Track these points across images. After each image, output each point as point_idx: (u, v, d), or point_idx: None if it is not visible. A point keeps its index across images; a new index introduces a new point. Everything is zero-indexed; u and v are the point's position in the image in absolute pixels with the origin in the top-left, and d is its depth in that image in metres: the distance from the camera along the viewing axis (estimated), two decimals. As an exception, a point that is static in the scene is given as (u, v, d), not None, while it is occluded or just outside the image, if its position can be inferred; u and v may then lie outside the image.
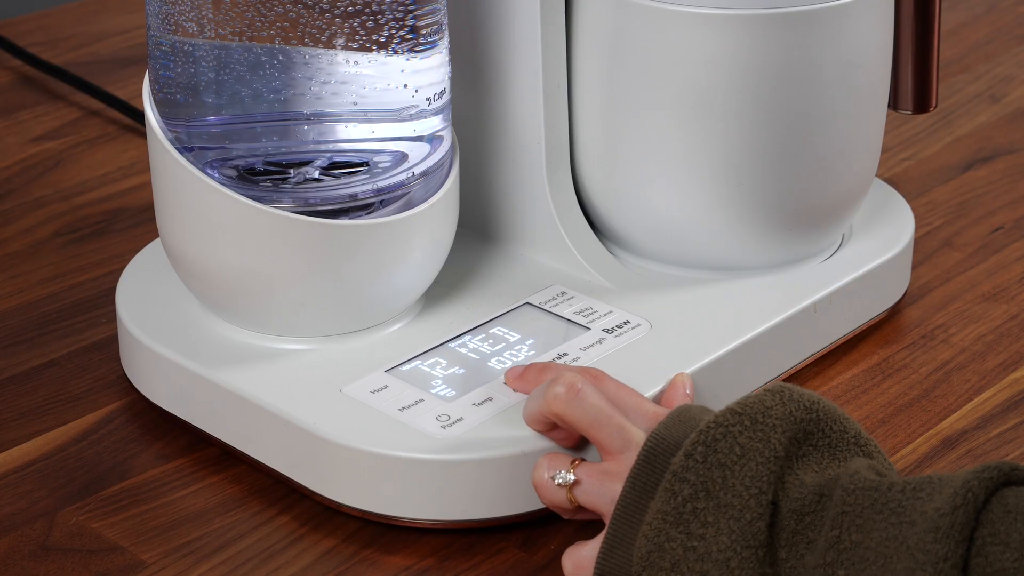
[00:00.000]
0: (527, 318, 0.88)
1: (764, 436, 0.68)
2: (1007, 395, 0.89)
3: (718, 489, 0.68)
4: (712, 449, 0.68)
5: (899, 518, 0.65)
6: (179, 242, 0.84)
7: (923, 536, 0.63)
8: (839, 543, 0.66)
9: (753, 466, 0.68)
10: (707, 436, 0.69)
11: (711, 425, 0.69)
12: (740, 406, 0.70)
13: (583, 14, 0.88)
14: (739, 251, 0.91)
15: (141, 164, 1.15)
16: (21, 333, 0.95)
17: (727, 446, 0.68)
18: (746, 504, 0.67)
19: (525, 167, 0.91)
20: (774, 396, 0.70)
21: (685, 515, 0.68)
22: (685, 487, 0.68)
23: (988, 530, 0.63)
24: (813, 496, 0.67)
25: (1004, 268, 1.02)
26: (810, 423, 0.70)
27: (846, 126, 0.89)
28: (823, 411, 0.70)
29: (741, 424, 0.69)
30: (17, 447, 0.85)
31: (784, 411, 0.69)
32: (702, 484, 0.68)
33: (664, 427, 0.71)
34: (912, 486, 0.66)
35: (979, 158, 1.17)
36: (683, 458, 0.69)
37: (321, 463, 0.79)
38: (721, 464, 0.68)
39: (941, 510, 0.63)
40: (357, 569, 0.77)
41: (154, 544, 0.78)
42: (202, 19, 0.79)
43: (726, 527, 0.67)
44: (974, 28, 1.40)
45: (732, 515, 0.67)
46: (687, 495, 0.68)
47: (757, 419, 0.69)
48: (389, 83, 0.81)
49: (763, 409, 0.69)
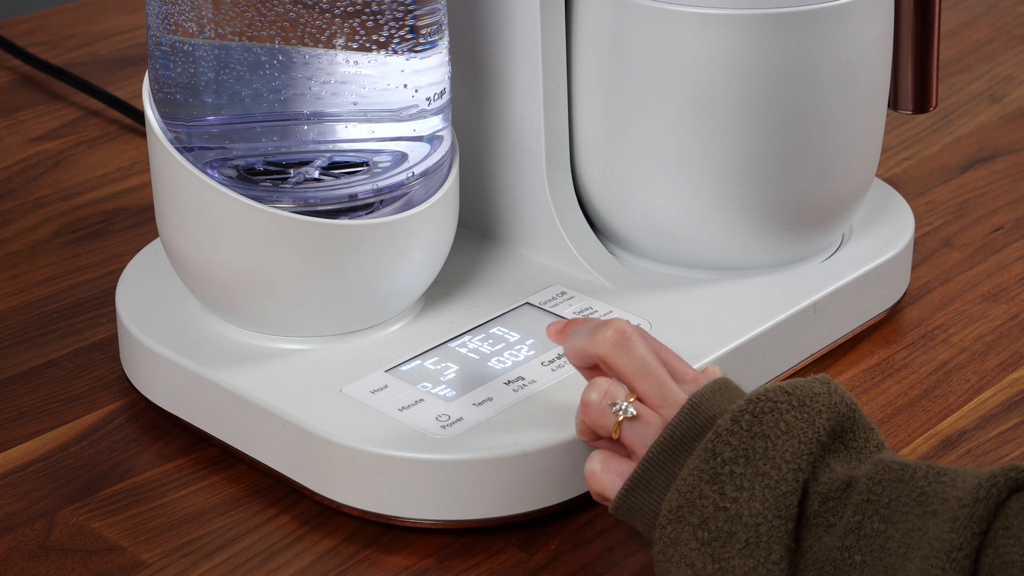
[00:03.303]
0: (527, 318, 0.88)
1: (809, 419, 0.70)
2: (1007, 395, 0.89)
3: (758, 458, 0.69)
4: (758, 420, 0.70)
5: (922, 508, 0.66)
6: (179, 242, 0.84)
7: (942, 526, 0.65)
8: (860, 529, 0.67)
9: (795, 443, 0.69)
10: (756, 407, 0.70)
11: (760, 398, 0.71)
12: (790, 386, 0.71)
13: (583, 14, 0.88)
14: (739, 251, 0.91)
15: (141, 164, 1.15)
16: (21, 333, 0.95)
17: (773, 420, 0.70)
18: (783, 476, 0.68)
19: (525, 167, 0.91)
20: (822, 385, 0.72)
21: (722, 476, 0.69)
22: (727, 449, 0.69)
23: (1001, 523, 0.64)
24: (840, 484, 0.69)
25: (1004, 268, 1.02)
26: (848, 421, 0.71)
27: (846, 126, 0.89)
28: (859, 415, 0.72)
29: (789, 403, 0.70)
30: (17, 447, 0.85)
31: (830, 401, 0.71)
32: (743, 450, 0.69)
33: (708, 390, 0.73)
34: (936, 471, 0.67)
35: (979, 158, 1.17)
36: (729, 422, 0.70)
37: (321, 463, 0.79)
38: (765, 435, 0.69)
39: (963, 500, 0.65)
40: (357, 569, 0.77)
41: (154, 544, 0.78)
42: (202, 19, 0.79)
43: (760, 495, 0.68)
44: (974, 28, 1.40)
45: (768, 484, 0.68)
46: (727, 457, 0.69)
47: (805, 402, 0.70)
48: (389, 83, 0.81)
49: (811, 394, 0.71)
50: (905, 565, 0.65)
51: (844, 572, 0.67)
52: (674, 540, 0.69)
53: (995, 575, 0.63)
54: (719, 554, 0.68)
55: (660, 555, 0.70)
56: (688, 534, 0.69)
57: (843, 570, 0.67)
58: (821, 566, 0.67)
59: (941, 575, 0.64)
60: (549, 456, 0.78)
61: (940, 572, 0.64)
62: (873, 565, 0.66)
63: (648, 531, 0.71)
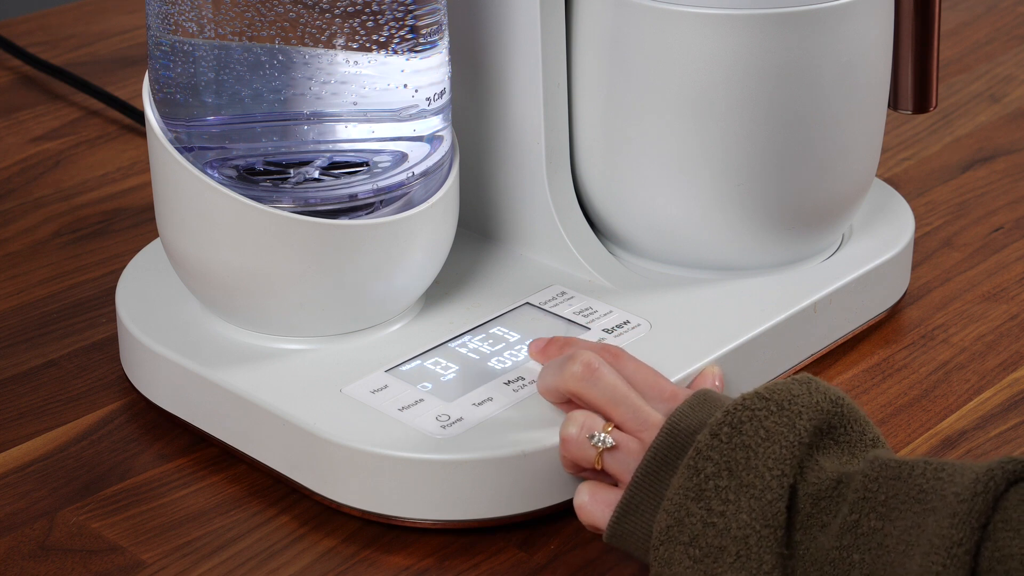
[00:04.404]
0: (527, 318, 0.88)
1: (790, 422, 0.69)
2: (1007, 395, 0.89)
3: (741, 469, 0.69)
4: (737, 431, 0.69)
5: (921, 506, 0.66)
6: (179, 242, 0.84)
7: (941, 522, 0.65)
8: (857, 527, 0.67)
9: (777, 449, 0.69)
10: (734, 418, 0.70)
11: (738, 407, 0.70)
12: (767, 391, 0.71)
13: (583, 14, 0.88)
14: (739, 251, 0.91)
15: (141, 164, 1.15)
16: (21, 333, 0.95)
17: (752, 428, 0.69)
18: (767, 485, 0.68)
19: (525, 167, 0.91)
20: (801, 385, 0.71)
21: (707, 492, 0.69)
22: (708, 465, 0.69)
23: (1000, 516, 0.64)
24: (831, 483, 0.68)
25: (1004, 268, 1.02)
26: (834, 417, 0.71)
27: (846, 126, 0.89)
28: (847, 408, 0.72)
29: (767, 409, 0.70)
30: (17, 447, 0.85)
31: (810, 400, 0.70)
32: (725, 463, 0.69)
33: (687, 406, 0.72)
34: (933, 466, 0.67)
35: (979, 158, 1.17)
36: (708, 437, 0.70)
37: (321, 463, 0.79)
38: (745, 445, 0.69)
39: (961, 496, 0.65)
40: (357, 569, 0.77)
41: (154, 544, 0.78)
42: (202, 19, 0.79)
43: (746, 506, 0.68)
44: (974, 28, 1.40)
45: (753, 495, 0.68)
46: (710, 472, 0.69)
47: (783, 405, 0.70)
48: (389, 83, 0.81)
49: (790, 396, 0.70)
50: (904, 562, 0.65)
51: (843, 571, 0.67)
52: (668, 560, 0.69)
53: (995, 568, 0.64)
54: (712, 570, 0.68)
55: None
56: (680, 553, 0.68)
57: (842, 569, 0.67)
58: (820, 567, 0.67)
59: (942, 571, 0.64)
60: (549, 456, 0.78)
61: (941, 568, 0.64)
62: (872, 563, 0.66)
63: (643, 555, 0.71)
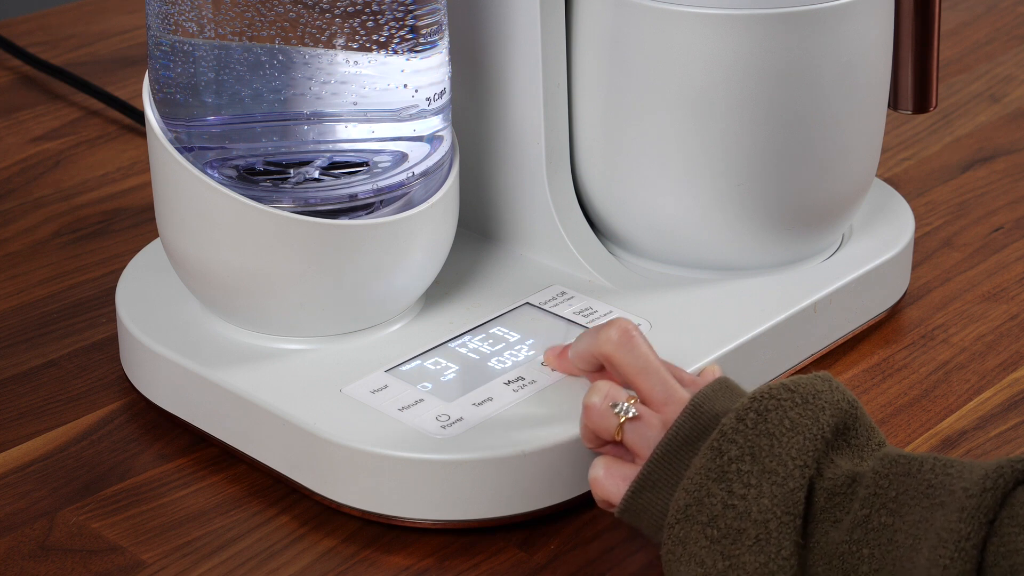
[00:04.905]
0: (527, 318, 0.88)
1: (814, 415, 0.70)
2: (1007, 395, 0.89)
3: (764, 455, 0.69)
4: (763, 418, 0.70)
5: (930, 500, 0.67)
6: (179, 242, 0.84)
7: (949, 516, 0.65)
8: (868, 522, 0.67)
9: (800, 440, 0.69)
10: (760, 404, 0.71)
11: (764, 395, 0.71)
12: (792, 383, 0.72)
13: (583, 14, 0.88)
14: (739, 251, 0.91)
15: (141, 164, 1.15)
16: (21, 333, 0.95)
17: (777, 417, 0.70)
18: (790, 473, 0.69)
19: (525, 167, 0.91)
20: (824, 382, 0.72)
21: (729, 474, 0.69)
22: (732, 448, 0.70)
23: (1007, 512, 0.65)
24: (846, 480, 0.69)
25: (1004, 268, 1.02)
26: (850, 418, 0.72)
27: (846, 126, 0.89)
28: (861, 412, 0.73)
29: (793, 400, 0.71)
30: (17, 447, 0.85)
31: (832, 398, 0.71)
32: (749, 448, 0.69)
33: (710, 389, 0.73)
34: (942, 463, 0.68)
35: (979, 158, 1.17)
36: (734, 420, 0.70)
37: (321, 463, 0.79)
38: (770, 433, 0.70)
39: (970, 491, 0.65)
40: (357, 569, 0.77)
41: (154, 544, 0.78)
42: (202, 19, 0.79)
43: (768, 491, 0.68)
44: (974, 28, 1.40)
45: (776, 481, 0.69)
46: (733, 455, 0.69)
47: (808, 399, 0.71)
48: (389, 83, 0.81)
49: (814, 391, 0.71)
50: (913, 556, 0.66)
51: (852, 565, 0.67)
52: (683, 539, 0.69)
53: (1000, 563, 0.64)
54: (729, 551, 0.68)
55: (669, 555, 0.70)
56: (697, 532, 0.69)
57: (851, 563, 0.67)
58: (829, 560, 0.68)
59: (950, 564, 0.64)
60: (549, 456, 0.78)
61: (949, 562, 0.64)
62: (881, 558, 0.67)
63: (655, 532, 0.72)
